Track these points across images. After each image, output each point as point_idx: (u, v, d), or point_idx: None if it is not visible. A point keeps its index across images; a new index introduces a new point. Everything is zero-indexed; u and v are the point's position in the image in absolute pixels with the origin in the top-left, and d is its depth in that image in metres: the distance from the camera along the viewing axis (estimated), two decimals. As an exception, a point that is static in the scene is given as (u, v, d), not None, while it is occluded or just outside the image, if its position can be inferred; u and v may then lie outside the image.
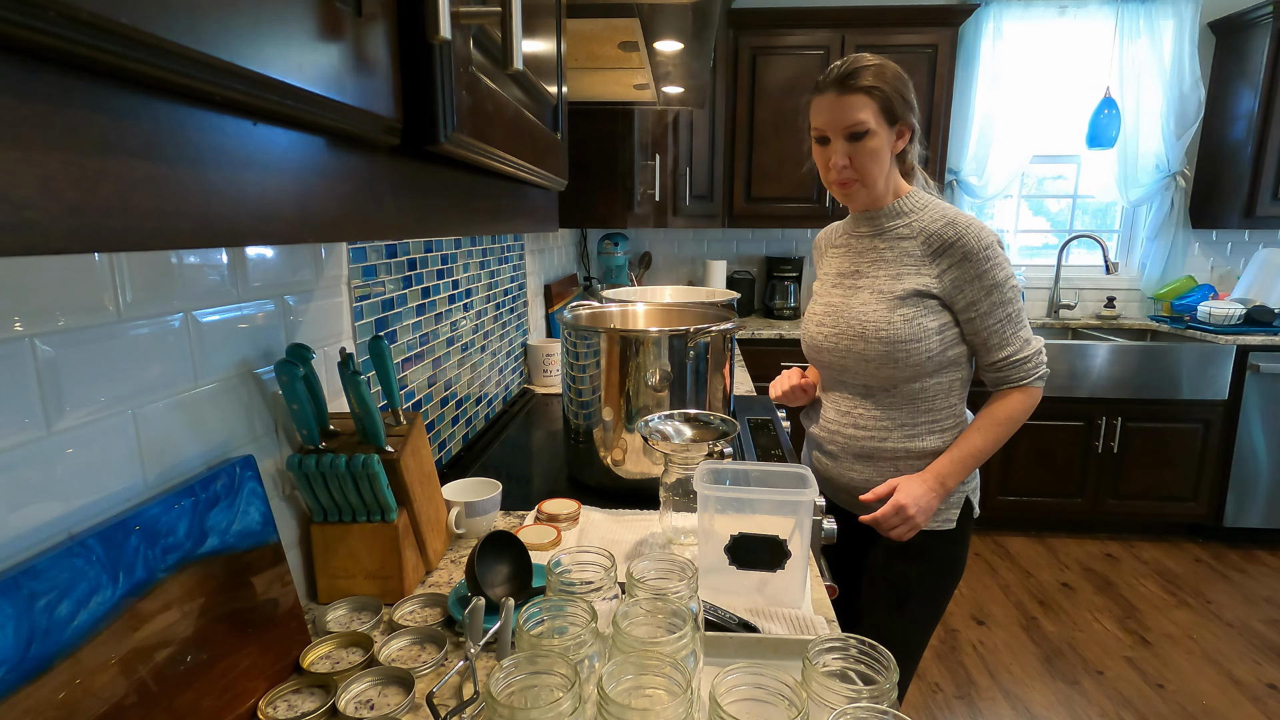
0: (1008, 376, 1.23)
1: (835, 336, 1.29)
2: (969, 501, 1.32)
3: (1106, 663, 2.35)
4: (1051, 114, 3.40)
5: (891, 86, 1.17)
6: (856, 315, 1.26)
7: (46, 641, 0.54)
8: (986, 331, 1.21)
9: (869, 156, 1.19)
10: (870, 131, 1.17)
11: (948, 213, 1.22)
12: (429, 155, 0.44)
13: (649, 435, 1.07)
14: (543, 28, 0.67)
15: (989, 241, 1.19)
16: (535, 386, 2.20)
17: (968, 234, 1.19)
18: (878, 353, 1.23)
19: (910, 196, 1.27)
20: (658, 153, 2.33)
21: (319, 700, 0.75)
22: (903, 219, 1.26)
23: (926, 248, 1.22)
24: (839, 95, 1.17)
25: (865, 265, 1.30)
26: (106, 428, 0.65)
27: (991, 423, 1.24)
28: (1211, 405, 3.00)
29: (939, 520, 1.29)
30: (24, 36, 0.17)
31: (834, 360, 1.31)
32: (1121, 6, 3.23)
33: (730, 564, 0.93)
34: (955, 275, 1.20)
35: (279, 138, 0.30)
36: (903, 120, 1.20)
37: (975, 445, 1.23)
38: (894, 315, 1.22)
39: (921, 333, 1.21)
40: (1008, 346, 1.22)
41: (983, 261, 1.18)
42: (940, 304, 1.22)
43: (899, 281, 1.24)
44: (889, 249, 1.27)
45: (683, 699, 0.58)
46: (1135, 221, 3.56)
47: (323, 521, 0.92)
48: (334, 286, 1.04)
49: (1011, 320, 1.21)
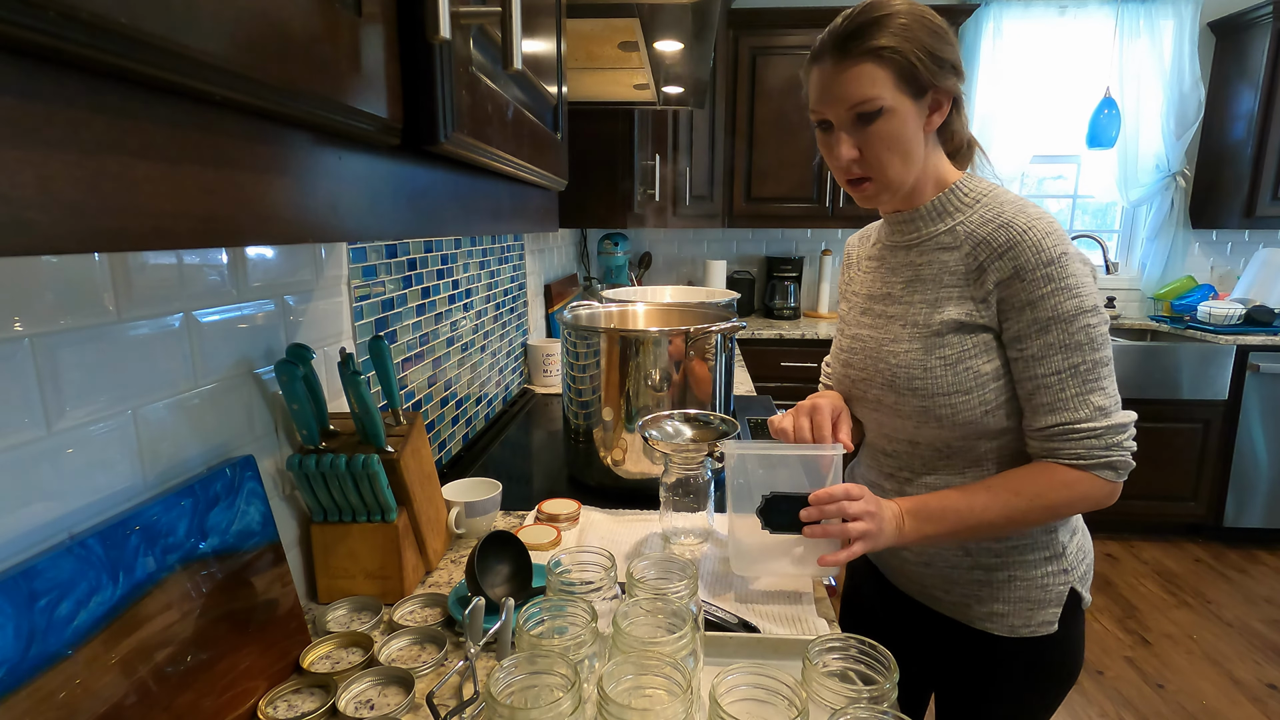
0: (1055, 450, 0.85)
1: (864, 384, 0.99)
2: (1075, 593, 0.94)
3: (1106, 663, 2.35)
4: (1051, 114, 3.40)
5: (915, 42, 0.82)
6: (885, 358, 0.95)
7: (46, 641, 0.54)
8: (1034, 383, 0.85)
9: (885, 144, 0.85)
10: (885, 110, 0.83)
11: (1005, 209, 0.87)
12: (429, 155, 0.44)
13: (649, 435, 1.07)
14: (543, 28, 0.67)
15: (1055, 253, 0.81)
16: (535, 386, 2.20)
17: (1025, 239, 0.82)
18: (913, 409, 0.92)
19: (959, 188, 0.91)
20: (658, 153, 2.33)
21: (319, 700, 0.75)
22: (945, 221, 0.91)
23: (973, 260, 0.87)
24: (838, 64, 0.84)
25: (899, 287, 0.96)
26: (106, 428, 0.65)
27: (1010, 489, 0.86)
28: (1211, 405, 3.00)
29: (1031, 623, 0.94)
30: (24, 36, 0.17)
31: (869, 414, 1.02)
32: (1121, 6, 3.23)
33: (763, 527, 0.90)
34: (1002, 296, 0.85)
35: (278, 138, 0.30)
36: (937, 86, 0.85)
37: (975, 505, 0.87)
38: (931, 358, 0.89)
39: (971, 381, 0.88)
40: (1063, 410, 0.84)
41: (1041, 282, 0.82)
42: (996, 338, 0.88)
43: (936, 310, 0.90)
44: (927, 265, 0.93)
45: (683, 699, 0.58)
46: (1135, 221, 3.56)
47: (323, 521, 0.92)
48: (334, 286, 1.04)
49: (1078, 375, 0.83)
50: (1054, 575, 0.94)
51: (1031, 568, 0.94)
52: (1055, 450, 0.85)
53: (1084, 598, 0.96)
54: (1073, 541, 0.96)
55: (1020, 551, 0.94)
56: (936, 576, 0.99)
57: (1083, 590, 0.96)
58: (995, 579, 0.95)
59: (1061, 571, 0.94)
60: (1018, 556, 0.94)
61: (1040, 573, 0.94)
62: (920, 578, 1.02)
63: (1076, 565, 0.95)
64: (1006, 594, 0.95)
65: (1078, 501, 0.85)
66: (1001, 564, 0.94)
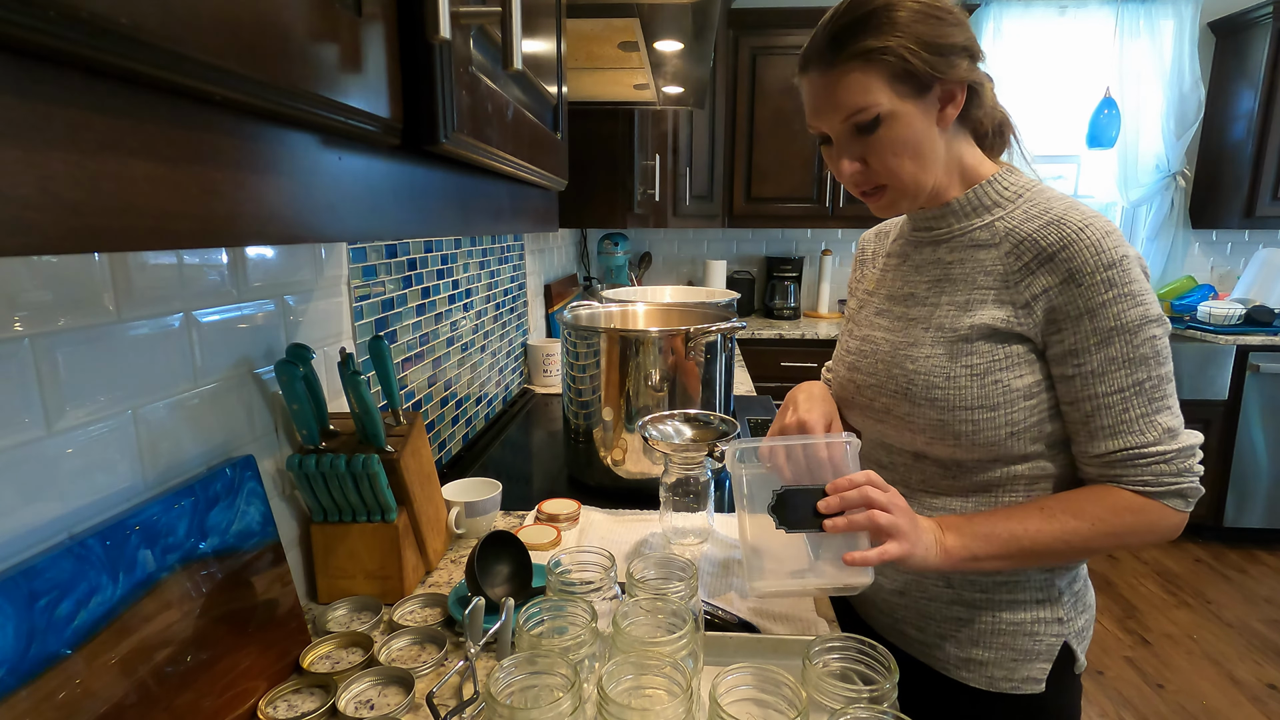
0: (1120, 476, 0.75)
1: (872, 390, 0.88)
2: (1068, 649, 0.84)
3: (1106, 663, 2.35)
4: (1051, 114, 3.40)
5: (908, 35, 0.73)
6: (902, 363, 0.85)
7: (46, 641, 0.54)
8: (1093, 403, 0.75)
9: (891, 151, 0.77)
10: (883, 117, 0.75)
11: (1053, 206, 0.77)
12: (429, 155, 0.44)
13: (649, 435, 1.07)
14: (543, 28, 0.67)
15: (1115, 256, 0.72)
16: (535, 386, 2.20)
17: (1082, 239, 0.73)
18: (928, 421, 0.81)
19: (997, 181, 0.82)
20: (658, 153, 2.33)
21: (319, 700, 0.75)
22: (981, 217, 0.82)
23: (1015, 260, 0.78)
24: (824, 74, 0.77)
25: (923, 287, 0.86)
26: (106, 427, 0.65)
27: (1068, 512, 0.76)
28: (1211, 405, 3.00)
29: (1014, 677, 0.83)
30: (24, 36, 0.17)
31: (870, 424, 0.91)
32: (1121, 6, 3.23)
33: (777, 526, 0.76)
34: (1052, 304, 0.75)
35: (278, 138, 0.30)
36: (943, 77, 0.75)
37: (1029, 527, 0.75)
38: (956, 366, 0.79)
39: (999, 396, 0.78)
40: (1128, 434, 0.74)
41: (1101, 288, 0.72)
42: (1034, 351, 0.78)
43: (966, 313, 0.80)
44: (958, 264, 0.83)
45: (683, 699, 0.58)
46: (1135, 221, 3.56)
47: (323, 521, 0.92)
48: (334, 286, 1.04)
49: (1143, 393, 0.74)
50: (1045, 623, 0.83)
51: (1020, 609, 0.83)
52: (1118, 477, 0.76)
53: (1078, 659, 0.84)
54: (1070, 589, 0.85)
55: (1009, 589, 0.83)
56: (909, 609, 0.88)
57: (1078, 649, 0.84)
58: (978, 619, 0.84)
59: (1055, 620, 0.83)
60: (1006, 595, 0.84)
61: (1029, 617, 0.83)
62: (891, 609, 0.90)
63: (1073, 616, 0.84)
64: (989, 638, 0.84)
65: (1145, 531, 0.75)
66: (986, 601, 0.84)
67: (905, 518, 0.73)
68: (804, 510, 0.76)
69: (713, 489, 1.09)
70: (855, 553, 0.72)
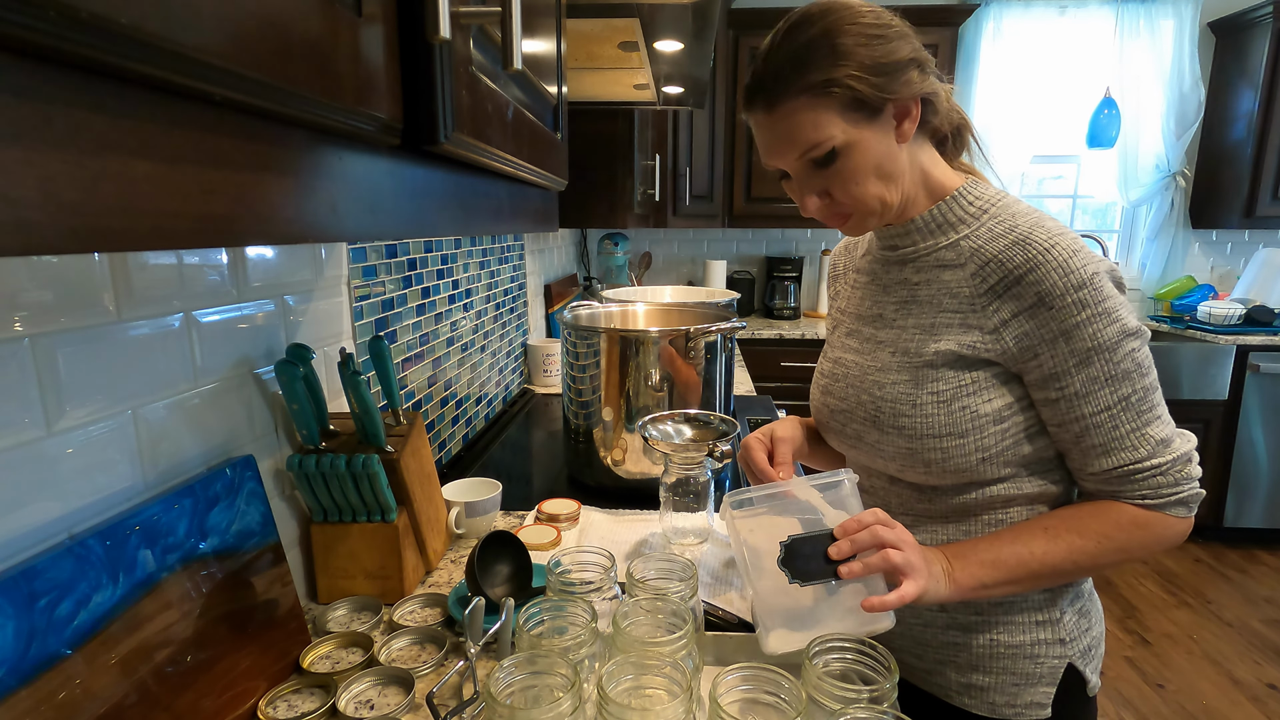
0: (1119, 492, 0.75)
1: (844, 416, 0.87)
2: (1074, 670, 0.81)
3: (1106, 663, 2.35)
4: (1051, 114, 3.40)
5: (851, 61, 0.70)
6: (870, 389, 0.83)
7: (46, 641, 0.54)
8: (1081, 424, 0.74)
9: (854, 180, 0.74)
10: (840, 149, 0.72)
11: (1019, 223, 0.75)
12: (429, 155, 0.44)
13: (649, 435, 1.07)
14: (543, 28, 0.67)
15: (1085, 275, 0.70)
16: (535, 386, 2.20)
17: (1048, 259, 0.71)
18: (898, 449, 0.80)
19: (961, 196, 0.80)
20: (658, 153, 2.33)
21: (319, 700, 0.75)
22: (947, 235, 0.80)
23: (981, 282, 0.75)
24: (769, 113, 0.74)
25: (891, 308, 0.84)
26: (106, 428, 0.65)
27: (1073, 530, 0.74)
28: (1211, 405, 3.00)
29: (1017, 703, 0.81)
30: (24, 36, 0.17)
31: (845, 448, 0.90)
32: (1121, 6, 3.23)
33: (790, 580, 0.73)
34: (1024, 330, 0.73)
35: (278, 138, 0.30)
36: (894, 96, 0.72)
37: (1035, 549, 0.74)
38: (922, 393, 0.78)
39: (967, 423, 0.76)
40: (1120, 451, 0.73)
41: (1073, 310, 0.70)
42: (1003, 374, 0.76)
43: (932, 337, 0.78)
44: (924, 285, 0.81)
45: (683, 699, 0.58)
46: (1135, 221, 3.56)
47: (323, 521, 0.92)
48: (334, 286, 1.04)
49: (1130, 408, 0.73)
50: (1046, 645, 0.80)
51: (1018, 630, 0.81)
52: (1118, 493, 0.75)
53: (1089, 680, 0.81)
54: (1072, 608, 0.82)
55: (1006, 610, 0.81)
56: (905, 636, 0.86)
57: (1086, 669, 0.81)
58: (974, 641, 0.82)
59: (1057, 642, 0.80)
60: (1003, 616, 0.81)
61: (1029, 639, 0.80)
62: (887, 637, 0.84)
63: (1076, 636, 0.81)
64: (988, 661, 0.82)
65: (1152, 543, 0.74)
66: (982, 623, 0.82)
67: (916, 554, 0.71)
68: (815, 559, 0.73)
69: (713, 489, 1.09)
70: (874, 598, 0.70)
